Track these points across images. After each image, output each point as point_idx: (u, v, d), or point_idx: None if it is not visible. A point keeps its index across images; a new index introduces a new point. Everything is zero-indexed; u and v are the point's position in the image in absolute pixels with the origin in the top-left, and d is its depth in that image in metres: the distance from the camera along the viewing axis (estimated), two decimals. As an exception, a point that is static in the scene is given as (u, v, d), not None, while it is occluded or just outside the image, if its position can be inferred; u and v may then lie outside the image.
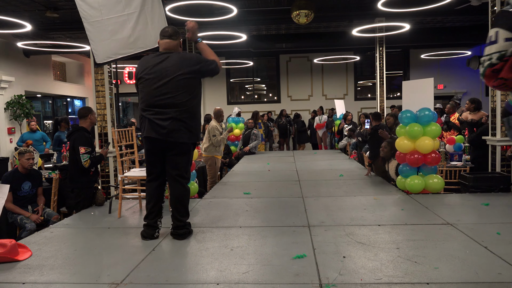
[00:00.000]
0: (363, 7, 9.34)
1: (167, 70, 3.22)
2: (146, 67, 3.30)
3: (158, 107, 3.20)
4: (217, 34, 9.89)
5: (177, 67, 3.22)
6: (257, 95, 16.16)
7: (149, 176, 3.39)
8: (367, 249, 2.88)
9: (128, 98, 16.95)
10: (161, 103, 3.19)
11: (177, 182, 3.30)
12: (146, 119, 3.23)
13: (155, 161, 3.34)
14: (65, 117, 7.88)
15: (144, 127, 3.26)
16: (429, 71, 14.26)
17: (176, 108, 3.18)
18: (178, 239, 3.28)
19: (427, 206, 4.12)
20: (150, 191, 3.37)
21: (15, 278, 2.62)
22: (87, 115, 4.59)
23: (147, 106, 3.25)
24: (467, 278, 2.37)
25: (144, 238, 3.33)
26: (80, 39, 10.73)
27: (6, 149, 10.35)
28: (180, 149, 3.26)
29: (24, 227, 4.36)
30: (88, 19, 4.31)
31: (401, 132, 4.82)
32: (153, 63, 3.28)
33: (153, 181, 3.37)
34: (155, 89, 3.21)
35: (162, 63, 3.25)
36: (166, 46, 3.37)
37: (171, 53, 3.32)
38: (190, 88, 3.25)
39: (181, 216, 3.33)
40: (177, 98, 3.19)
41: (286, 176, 6.42)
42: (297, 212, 4.02)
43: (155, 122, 3.18)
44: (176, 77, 3.20)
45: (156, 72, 3.24)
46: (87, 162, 4.40)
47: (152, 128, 3.19)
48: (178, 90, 3.20)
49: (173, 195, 3.32)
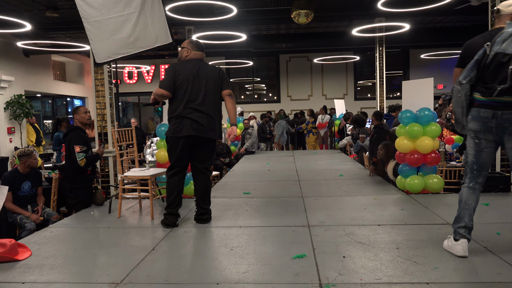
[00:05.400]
0: (363, 7, 9.35)
1: (208, 74, 3.61)
2: (185, 68, 3.59)
3: (202, 106, 3.54)
4: (217, 34, 9.90)
5: (213, 73, 3.67)
6: (257, 95, 16.16)
7: (173, 170, 3.63)
8: (367, 249, 2.88)
9: (128, 98, 16.95)
10: (204, 102, 3.57)
11: (204, 174, 3.69)
12: (185, 118, 3.51)
13: (184, 156, 3.61)
14: (66, 117, 7.90)
15: (182, 126, 3.51)
16: (429, 71, 14.28)
17: (211, 108, 3.59)
18: (202, 223, 3.68)
19: (427, 206, 4.12)
20: (174, 184, 3.64)
21: (14, 277, 2.61)
22: (73, 115, 4.64)
23: (187, 105, 3.52)
24: (467, 278, 2.38)
25: (167, 226, 3.62)
26: (80, 38, 10.74)
27: (6, 149, 10.35)
28: (209, 145, 3.67)
29: (24, 226, 4.36)
30: (88, 19, 4.30)
31: (401, 132, 4.82)
32: (192, 66, 3.61)
33: (177, 175, 3.64)
34: (200, 90, 3.56)
35: (202, 67, 3.63)
36: (201, 58, 3.77)
37: (201, 61, 3.74)
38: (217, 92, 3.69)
39: (206, 205, 3.72)
40: (212, 99, 3.61)
41: (286, 176, 6.42)
42: (297, 212, 4.02)
43: (196, 121, 3.51)
44: (215, 80, 3.65)
45: (200, 74, 3.61)
46: (82, 161, 4.39)
47: (192, 126, 3.51)
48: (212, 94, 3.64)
49: (201, 186, 3.69)
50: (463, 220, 2.73)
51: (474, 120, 2.71)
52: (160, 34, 4.38)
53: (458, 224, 2.75)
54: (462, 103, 2.72)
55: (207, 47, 4.10)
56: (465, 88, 2.69)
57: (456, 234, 2.74)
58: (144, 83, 15.51)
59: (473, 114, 2.71)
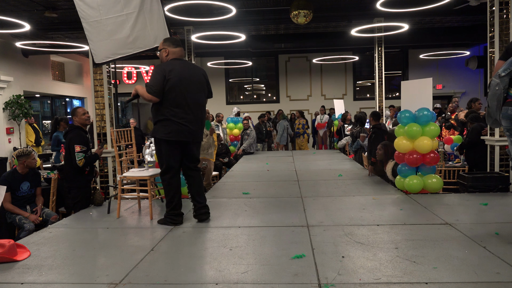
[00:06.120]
0: (362, 7, 9.35)
1: (195, 76, 3.68)
2: (174, 70, 3.57)
3: (192, 109, 3.61)
4: (216, 34, 9.90)
5: (199, 75, 3.74)
6: (256, 95, 16.16)
7: (171, 171, 3.68)
8: (366, 249, 2.88)
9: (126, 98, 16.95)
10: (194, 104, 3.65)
11: (196, 171, 3.83)
12: (177, 122, 3.54)
13: (179, 157, 3.70)
14: (65, 117, 7.86)
15: (177, 130, 3.55)
16: (427, 71, 14.29)
17: (200, 110, 3.70)
18: (203, 220, 3.77)
19: (426, 206, 4.12)
20: (176, 185, 3.71)
21: (13, 278, 2.61)
22: (72, 117, 4.66)
23: (178, 108, 3.56)
24: (465, 278, 2.38)
25: (175, 225, 3.69)
26: (79, 39, 10.72)
27: (5, 149, 10.33)
28: (198, 144, 3.86)
29: (22, 227, 4.35)
30: (87, 19, 4.30)
31: (400, 132, 4.83)
32: (180, 67, 3.61)
33: (176, 175, 3.71)
34: (190, 92, 3.61)
35: (189, 69, 3.67)
36: (182, 54, 3.76)
37: (185, 61, 3.80)
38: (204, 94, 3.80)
39: (202, 199, 3.81)
40: (200, 102, 3.72)
41: (285, 176, 6.42)
42: (296, 212, 4.02)
43: (188, 125, 3.58)
44: (202, 82, 3.73)
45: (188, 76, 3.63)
46: (81, 161, 4.39)
47: (187, 131, 3.58)
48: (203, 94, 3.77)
49: (196, 183, 3.80)
50: None
51: (504, 119, 2.67)
52: (159, 34, 4.38)
53: None
54: (499, 96, 2.65)
55: (206, 47, 4.13)
56: (504, 81, 2.62)
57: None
58: (143, 83, 15.50)
59: (502, 113, 2.66)
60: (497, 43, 5.39)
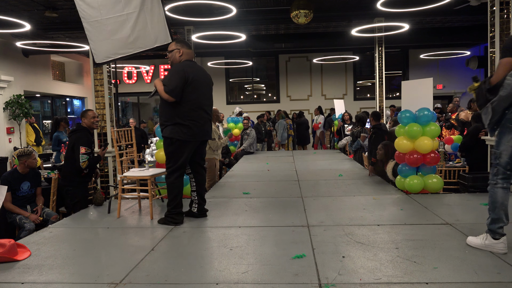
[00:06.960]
0: (362, 7, 9.35)
1: (206, 77, 3.81)
2: (193, 71, 3.66)
3: (207, 110, 3.75)
4: (216, 34, 9.90)
5: (208, 75, 3.88)
6: (256, 95, 16.16)
7: (178, 172, 3.70)
8: (366, 249, 2.88)
9: (127, 98, 16.93)
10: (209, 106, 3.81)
11: (204, 168, 3.99)
12: (198, 122, 3.63)
13: (189, 158, 3.75)
14: (65, 117, 7.88)
15: (195, 130, 3.62)
16: (428, 71, 14.28)
17: (211, 111, 3.83)
18: (205, 215, 3.92)
19: (426, 206, 4.12)
20: (180, 185, 3.75)
21: (14, 278, 2.61)
22: (81, 118, 4.74)
23: (199, 109, 3.67)
24: (466, 278, 2.38)
25: (176, 224, 3.70)
26: (79, 39, 10.72)
27: (5, 149, 10.33)
28: (206, 143, 4.00)
29: (23, 227, 4.36)
30: (87, 19, 4.30)
31: (400, 132, 4.82)
32: (196, 69, 3.70)
33: (181, 176, 3.76)
34: (205, 94, 3.76)
35: (201, 70, 3.79)
36: (193, 56, 3.97)
37: (196, 63, 3.90)
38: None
39: (204, 196, 3.97)
40: (211, 103, 3.86)
41: (285, 176, 6.42)
42: (297, 212, 4.02)
43: (204, 125, 3.71)
44: (210, 83, 3.89)
45: (203, 78, 3.77)
46: (84, 163, 4.41)
47: (204, 131, 3.72)
48: None
49: (202, 179, 3.93)
50: (502, 220, 2.72)
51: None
52: (159, 34, 4.38)
53: (497, 225, 2.73)
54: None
55: (206, 47, 4.21)
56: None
57: (496, 234, 2.74)
58: (143, 83, 15.50)
59: (508, 118, 2.62)
60: (498, 43, 5.39)
